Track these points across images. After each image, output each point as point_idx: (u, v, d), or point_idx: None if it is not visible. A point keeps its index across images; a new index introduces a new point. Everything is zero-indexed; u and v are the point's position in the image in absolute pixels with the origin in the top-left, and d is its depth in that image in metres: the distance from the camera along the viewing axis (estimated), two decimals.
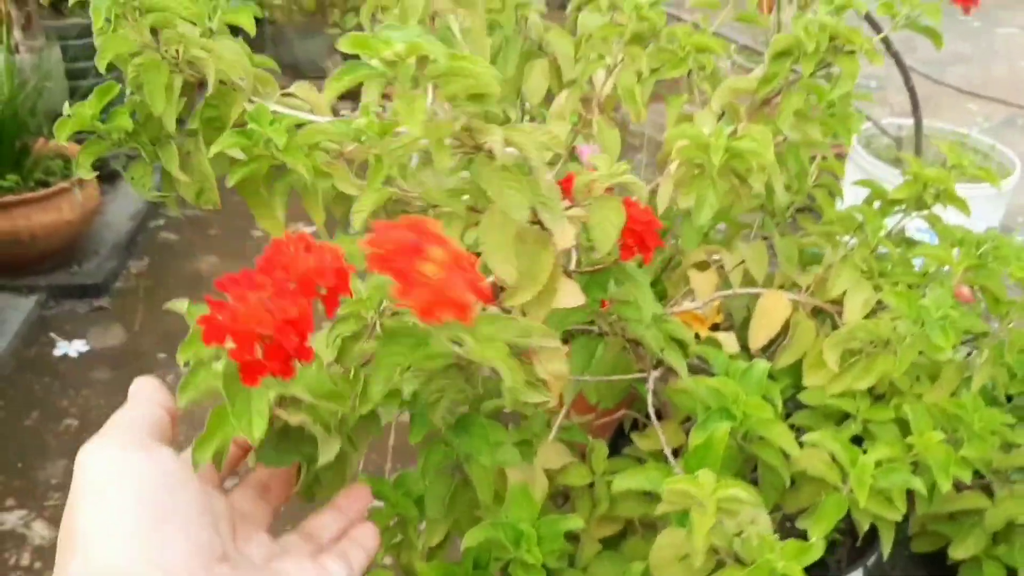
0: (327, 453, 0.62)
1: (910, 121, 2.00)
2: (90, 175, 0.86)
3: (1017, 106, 3.42)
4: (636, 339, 0.94)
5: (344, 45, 0.57)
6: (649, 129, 2.15)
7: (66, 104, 0.88)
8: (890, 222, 1.07)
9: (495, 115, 0.64)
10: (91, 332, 2.09)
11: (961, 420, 0.87)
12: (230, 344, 0.44)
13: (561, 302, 0.72)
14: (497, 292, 0.73)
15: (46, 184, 2.11)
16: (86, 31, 2.39)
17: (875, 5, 0.94)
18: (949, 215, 1.03)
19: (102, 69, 0.78)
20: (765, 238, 1.11)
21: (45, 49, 2.29)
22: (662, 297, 1.29)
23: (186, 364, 0.53)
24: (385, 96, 0.93)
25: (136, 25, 0.77)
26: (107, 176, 2.44)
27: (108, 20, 0.74)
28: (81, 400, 1.89)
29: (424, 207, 0.72)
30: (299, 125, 0.82)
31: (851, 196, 1.14)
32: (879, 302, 0.94)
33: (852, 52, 0.86)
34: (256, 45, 0.90)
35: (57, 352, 2.03)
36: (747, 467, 0.91)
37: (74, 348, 2.04)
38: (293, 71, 3.35)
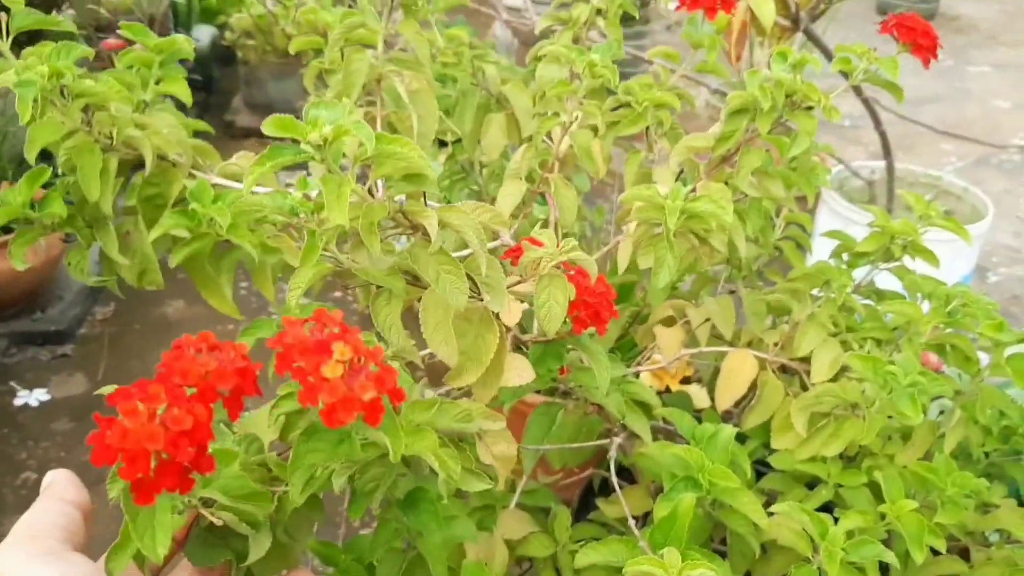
0: (257, 550, 0.59)
1: (883, 163, 1.99)
2: (23, 266, 0.82)
3: (990, 145, 3.45)
4: (597, 402, 0.91)
5: (268, 127, 0.54)
6: (622, 167, 2.14)
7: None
8: (860, 272, 1.05)
9: (433, 193, 0.61)
10: (53, 381, 2.04)
11: (934, 485, 0.84)
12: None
13: (509, 381, 0.69)
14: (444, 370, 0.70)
15: (8, 230, 2.06)
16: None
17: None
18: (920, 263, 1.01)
19: (31, 160, 0.75)
20: (732, 291, 1.08)
21: (10, 93, 2.25)
22: (631, 349, 1.26)
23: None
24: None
25: (66, 110, 0.74)
26: None
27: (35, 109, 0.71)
28: (41, 452, 1.84)
29: (364, 281, 0.69)
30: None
31: (823, 245, 1.12)
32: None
33: (810, 108, 0.84)
34: (230, 86, 0.87)
35: (17, 401, 1.98)
36: (716, 533, 0.88)
37: (35, 397, 1.99)
38: (266, 111, 3.31)
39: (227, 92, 3.49)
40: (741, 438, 0.91)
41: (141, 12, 2.93)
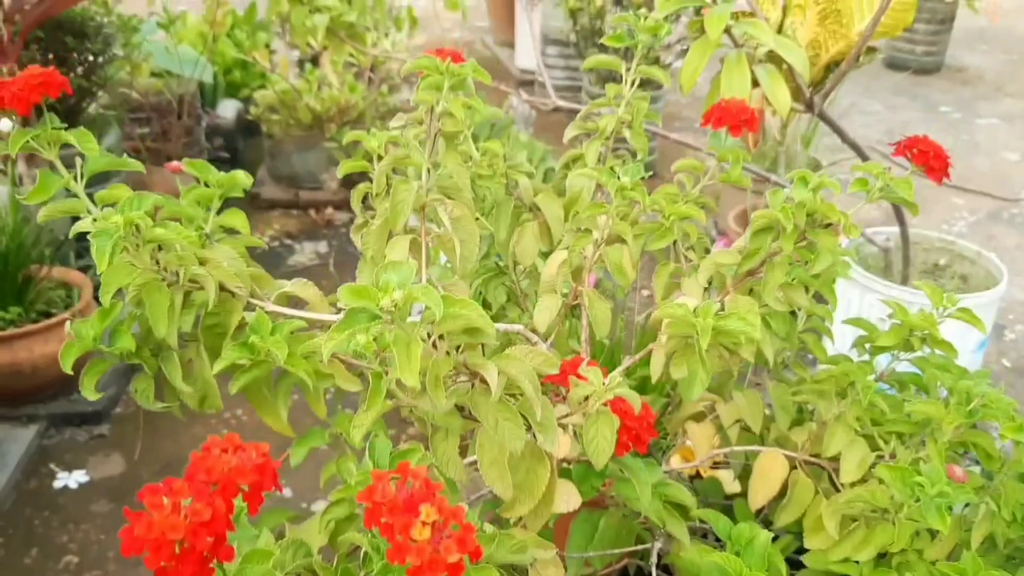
0: None
1: (896, 229, 2.04)
2: (95, 397, 0.87)
3: (1002, 199, 3.49)
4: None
5: (343, 296, 0.60)
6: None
7: (73, 228, 0.89)
8: (883, 359, 1.09)
9: (490, 346, 0.66)
10: (91, 462, 2.08)
11: None
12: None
13: (558, 508, 0.74)
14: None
15: (48, 314, 2.13)
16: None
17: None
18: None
19: (106, 302, 0.81)
20: (758, 384, 1.12)
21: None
22: (663, 435, 1.30)
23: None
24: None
25: (136, 254, 0.80)
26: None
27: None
28: (81, 535, 1.88)
29: (422, 419, 0.74)
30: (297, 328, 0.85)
31: (843, 332, 1.16)
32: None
33: (829, 225, 0.89)
34: (254, 158, 0.92)
35: (57, 484, 2.02)
36: None
37: (74, 479, 2.03)
38: (291, 182, 3.41)
39: (252, 164, 3.58)
40: (774, 533, 0.95)
41: (171, 92, 3.03)
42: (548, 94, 2.23)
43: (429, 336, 0.70)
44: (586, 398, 0.77)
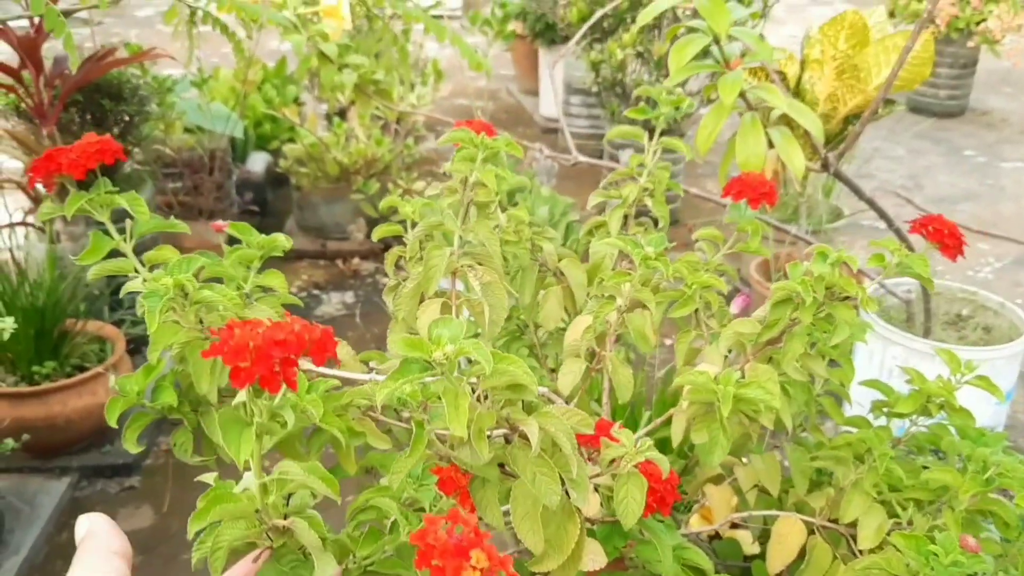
0: (323, 569, 0.66)
1: (914, 282, 2.06)
2: (137, 449, 0.92)
3: None
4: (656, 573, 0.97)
5: (398, 347, 0.63)
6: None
7: (105, 294, 0.93)
8: (899, 425, 1.11)
9: (531, 403, 0.70)
10: (121, 513, 2.12)
11: None
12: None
13: (586, 566, 0.76)
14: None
15: (82, 368, 2.19)
16: (122, 216, 2.51)
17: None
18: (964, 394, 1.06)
19: (153, 361, 0.85)
20: (776, 446, 1.14)
21: (84, 236, 2.41)
22: (682, 496, 1.32)
23: (196, 534, 0.61)
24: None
25: (183, 314, 0.84)
26: (134, 350, 2.51)
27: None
28: None
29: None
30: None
31: (860, 393, 1.18)
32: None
33: (847, 298, 0.92)
34: (283, 208, 0.96)
35: None
36: None
37: None
38: (319, 233, 3.48)
39: (280, 214, 3.66)
40: None
41: (202, 148, 3.11)
42: (569, 145, 2.28)
43: (474, 391, 0.73)
44: (615, 460, 0.80)
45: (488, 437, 0.75)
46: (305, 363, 0.97)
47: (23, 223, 2.37)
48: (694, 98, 3.47)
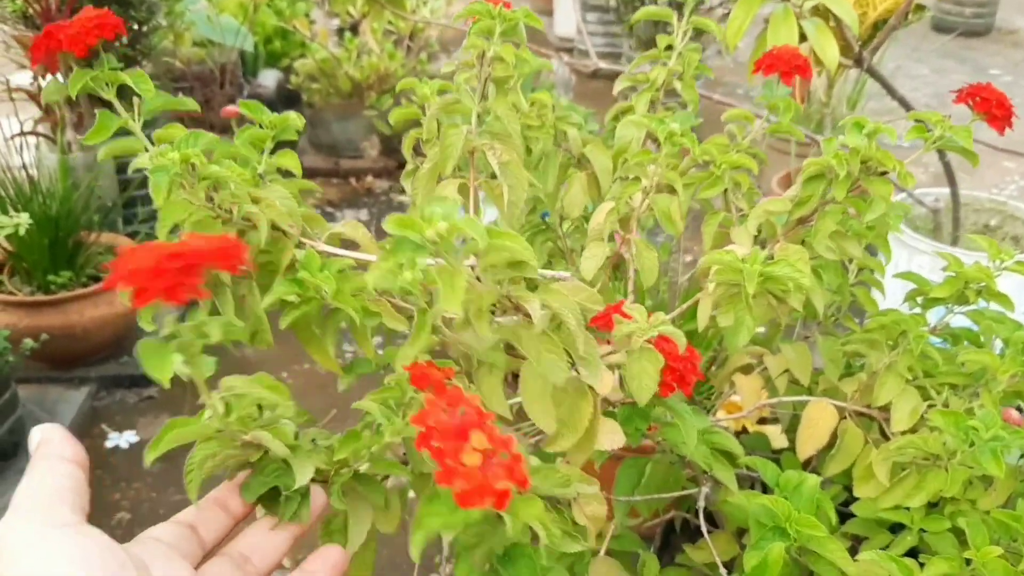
0: (303, 472, 0.66)
1: (946, 190, 2.00)
2: (152, 327, 0.90)
3: None
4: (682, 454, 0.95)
5: (390, 226, 0.60)
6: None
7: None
8: (935, 313, 1.08)
9: (533, 280, 0.66)
10: (140, 423, 2.13)
11: (1019, 532, 0.86)
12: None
13: (602, 445, 0.74)
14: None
15: (98, 279, 2.17)
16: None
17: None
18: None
19: (163, 237, 0.83)
20: (807, 336, 1.11)
21: (96, 146, 2.37)
22: (709, 390, 1.30)
23: (153, 463, 0.59)
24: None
25: (192, 191, 0.82)
26: None
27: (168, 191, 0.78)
28: (133, 493, 1.93)
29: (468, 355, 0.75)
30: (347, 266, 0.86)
31: (894, 284, 1.15)
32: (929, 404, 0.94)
33: (884, 174, 0.87)
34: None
35: (108, 444, 2.07)
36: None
37: (125, 439, 2.08)
38: (331, 151, 3.43)
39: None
40: (823, 483, 0.94)
41: (213, 62, 3.05)
42: (589, 50, 2.21)
43: (473, 271, 0.70)
44: (629, 336, 0.77)
45: (493, 320, 0.73)
46: (320, 244, 0.95)
47: (34, 132, 2.34)
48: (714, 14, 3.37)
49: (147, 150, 0.89)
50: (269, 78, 3.55)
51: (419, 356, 0.74)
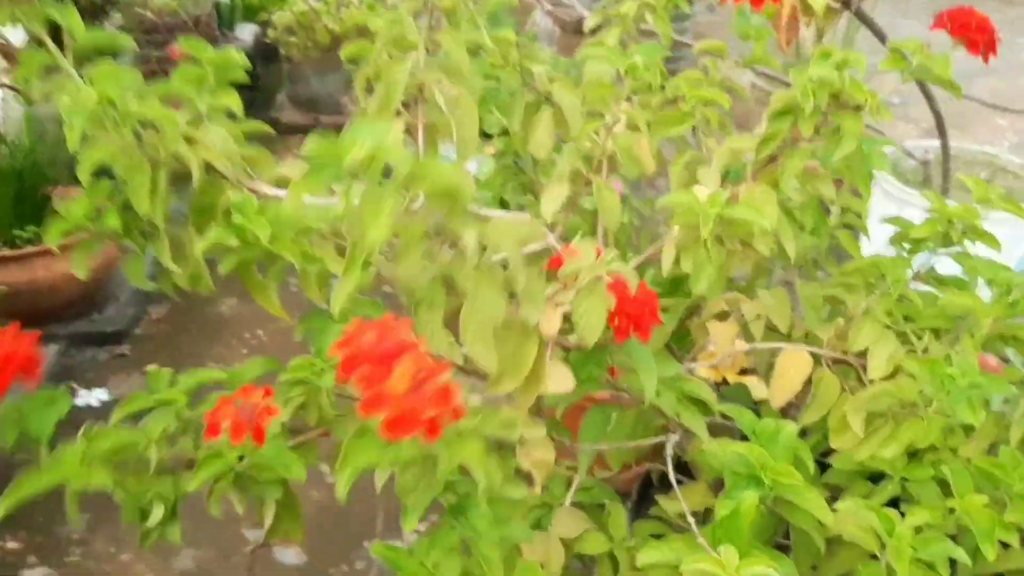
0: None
1: (937, 143, 1.95)
2: (85, 274, 0.85)
3: None
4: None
5: (308, 149, 0.56)
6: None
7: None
8: (920, 258, 1.03)
9: (468, 211, 0.62)
10: (112, 381, 2.08)
11: (1001, 480, 0.82)
12: None
13: (549, 388, 0.70)
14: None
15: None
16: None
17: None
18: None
19: (84, 180, 0.78)
20: (788, 282, 1.07)
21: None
22: (687, 340, 1.25)
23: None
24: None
25: (117, 130, 0.76)
26: None
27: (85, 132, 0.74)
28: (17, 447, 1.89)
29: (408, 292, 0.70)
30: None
31: (880, 231, 1.10)
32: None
33: (857, 108, 0.82)
34: (273, 83, 0.88)
35: (79, 402, 2.02)
36: (779, 530, 0.87)
37: (95, 397, 2.03)
38: (310, 106, 3.35)
39: (271, 89, 3.52)
40: (802, 432, 0.90)
41: (186, 13, 2.96)
42: (572, 8, 2.14)
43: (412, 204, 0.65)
44: (576, 273, 0.72)
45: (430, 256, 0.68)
46: (259, 185, 0.90)
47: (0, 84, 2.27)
48: None
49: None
50: (246, 32, 3.45)
51: (354, 292, 0.69)
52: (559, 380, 0.76)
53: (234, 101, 0.88)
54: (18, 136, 2.11)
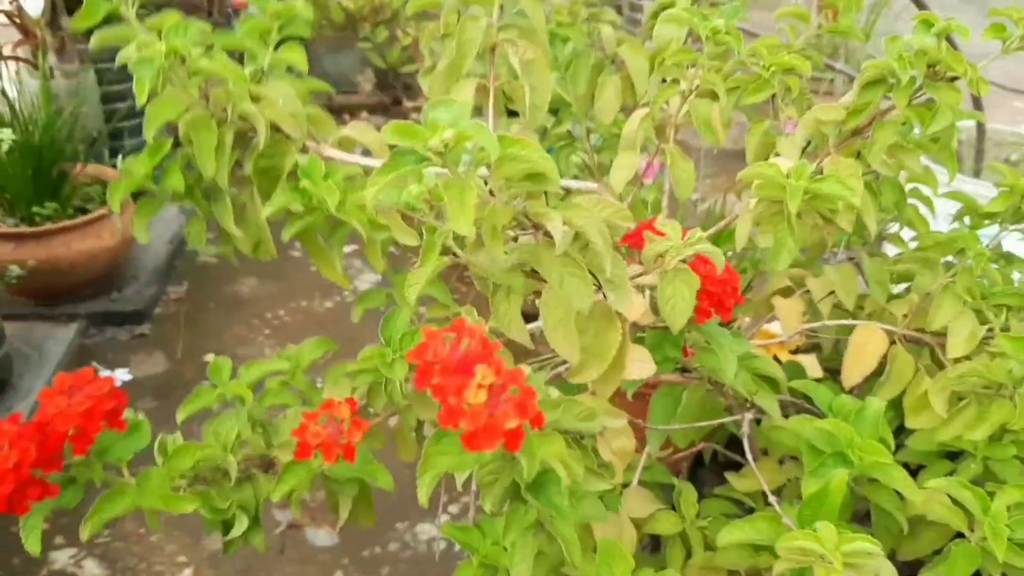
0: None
1: (968, 123, 1.92)
2: (147, 239, 0.82)
3: None
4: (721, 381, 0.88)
5: (389, 135, 0.52)
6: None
7: (103, 129, 0.84)
8: (985, 234, 1.00)
9: (554, 194, 0.59)
10: (133, 360, 2.05)
11: None
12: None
13: (631, 374, 0.68)
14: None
15: (84, 211, 2.08)
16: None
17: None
18: None
19: (150, 139, 0.75)
20: (851, 258, 1.04)
21: (80, 73, 2.26)
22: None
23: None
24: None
25: (184, 86, 0.73)
26: (139, 194, 2.40)
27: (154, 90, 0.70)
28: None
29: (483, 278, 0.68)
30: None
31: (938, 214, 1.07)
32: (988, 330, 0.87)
33: (954, 79, 0.79)
34: None
35: None
36: (856, 509, 0.85)
37: (117, 377, 2.00)
38: None
39: None
40: None
41: None
42: None
43: (486, 184, 0.62)
44: (662, 255, 0.69)
45: (509, 240, 0.65)
46: (326, 149, 0.87)
47: (14, 57, 2.22)
48: None
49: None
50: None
51: (430, 278, 0.66)
52: (639, 365, 0.73)
53: (299, 57, 0.85)
54: (34, 111, 2.07)
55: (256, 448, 0.81)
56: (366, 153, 0.89)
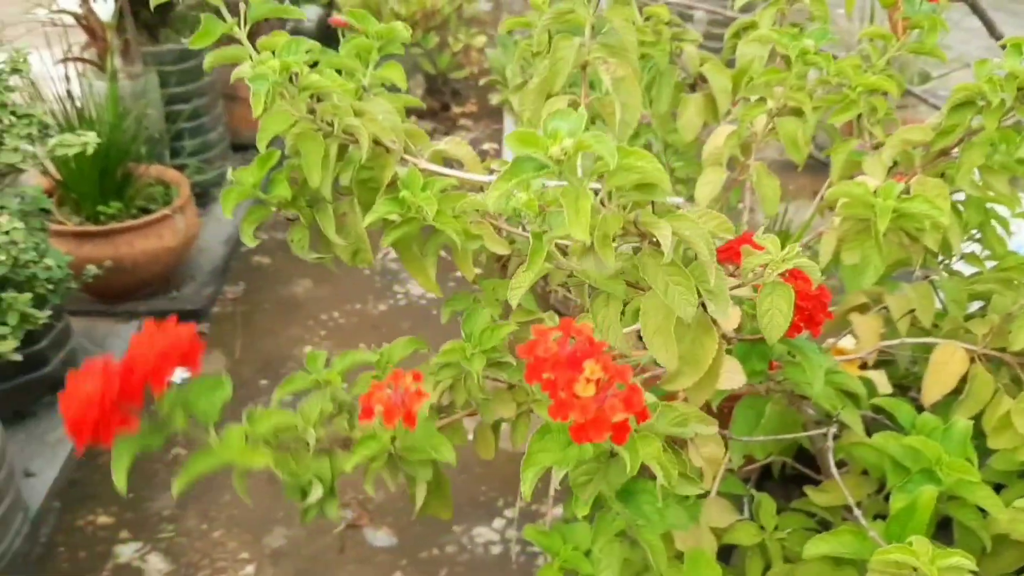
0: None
1: None
2: (253, 243, 0.85)
3: None
4: (804, 395, 0.89)
5: (511, 141, 0.55)
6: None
7: (162, 127, 0.87)
8: None
9: (662, 204, 0.61)
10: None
11: None
12: None
13: (723, 384, 0.69)
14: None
15: (147, 211, 2.13)
16: (182, 56, 2.40)
17: None
18: None
19: (262, 148, 0.78)
20: (927, 276, 1.04)
21: (143, 75, 2.31)
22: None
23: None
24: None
25: (293, 101, 0.77)
26: (199, 195, 2.44)
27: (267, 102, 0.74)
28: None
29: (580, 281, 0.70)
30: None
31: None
32: None
33: None
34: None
35: None
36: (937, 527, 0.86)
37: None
38: None
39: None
40: None
41: None
42: None
43: (596, 193, 0.64)
44: (761, 268, 0.71)
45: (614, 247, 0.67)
46: (423, 162, 0.89)
47: (81, 59, 2.27)
48: None
49: (252, 59, 0.83)
50: (311, 12, 3.45)
51: (534, 282, 0.69)
52: (731, 376, 0.75)
53: (399, 75, 0.87)
54: (100, 113, 2.12)
55: (339, 428, 0.85)
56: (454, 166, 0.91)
